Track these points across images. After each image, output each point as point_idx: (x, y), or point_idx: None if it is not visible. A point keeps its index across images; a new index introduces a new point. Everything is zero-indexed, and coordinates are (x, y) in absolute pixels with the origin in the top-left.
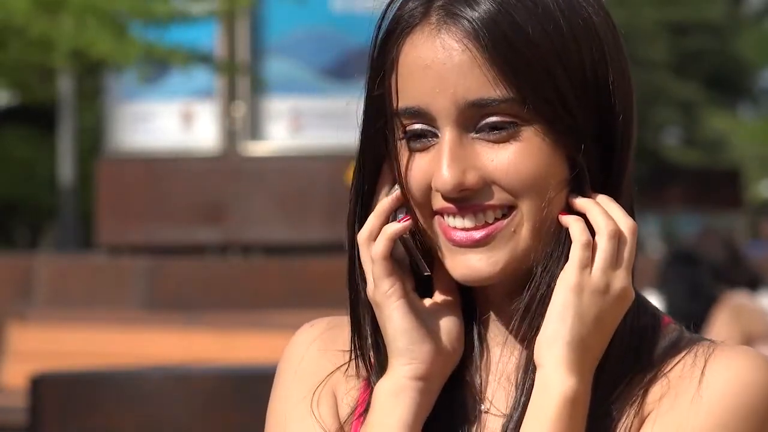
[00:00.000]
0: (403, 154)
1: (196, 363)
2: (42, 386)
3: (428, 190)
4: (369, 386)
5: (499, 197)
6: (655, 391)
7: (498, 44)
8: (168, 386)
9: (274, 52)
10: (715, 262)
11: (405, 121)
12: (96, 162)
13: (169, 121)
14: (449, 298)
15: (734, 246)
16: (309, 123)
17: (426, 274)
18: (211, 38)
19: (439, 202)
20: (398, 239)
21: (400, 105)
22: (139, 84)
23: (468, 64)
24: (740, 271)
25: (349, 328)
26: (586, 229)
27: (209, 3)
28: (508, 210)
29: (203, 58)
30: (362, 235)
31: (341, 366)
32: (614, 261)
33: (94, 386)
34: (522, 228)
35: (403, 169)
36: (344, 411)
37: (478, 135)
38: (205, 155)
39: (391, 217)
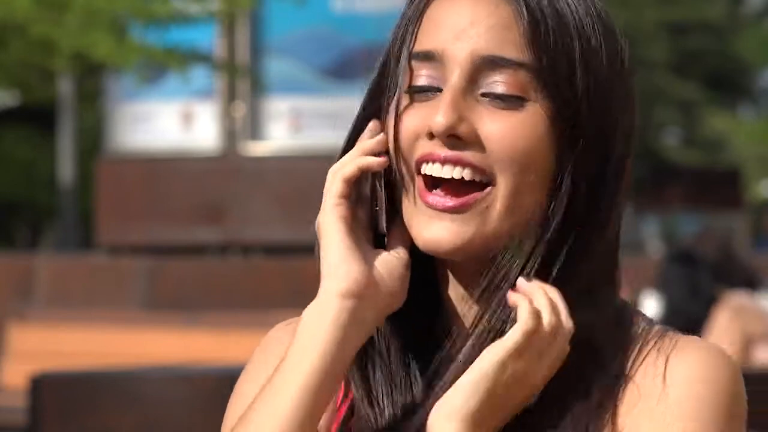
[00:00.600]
0: (403, 102)
1: (196, 363)
2: (42, 386)
3: (416, 138)
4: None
5: (482, 159)
6: (628, 400)
7: (531, 12)
8: (168, 386)
9: (274, 52)
10: (711, 263)
11: (415, 67)
12: (96, 162)
13: (169, 122)
14: (402, 254)
15: (730, 247)
16: (309, 123)
17: (383, 231)
18: (210, 38)
19: (423, 148)
20: (371, 188)
21: (416, 48)
22: (139, 84)
23: (497, 21)
24: (735, 272)
25: None
26: (535, 314)
27: (209, 3)
28: (487, 183)
29: (203, 59)
30: (335, 167)
31: None
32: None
33: (94, 386)
34: (494, 207)
35: (400, 113)
36: None
37: (484, 98)
38: (205, 155)
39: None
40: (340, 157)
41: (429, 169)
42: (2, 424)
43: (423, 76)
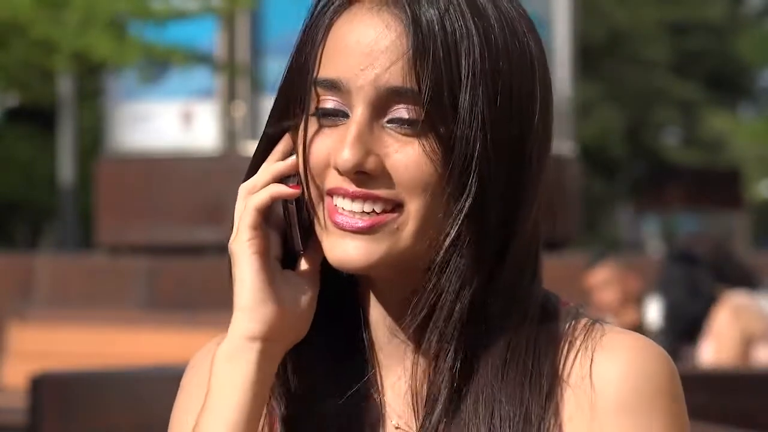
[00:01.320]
0: (311, 127)
1: None
2: (42, 386)
3: (326, 167)
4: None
5: (391, 191)
6: (566, 400)
7: (431, 40)
8: (168, 386)
9: (274, 52)
10: (710, 263)
11: (321, 93)
12: (96, 162)
13: (169, 121)
14: (309, 278)
15: (726, 247)
16: None
17: (299, 250)
18: (210, 38)
19: (333, 181)
20: (283, 206)
21: (320, 75)
22: (139, 84)
23: (400, 50)
24: (734, 271)
25: None
26: None
27: (209, 1)
28: (397, 206)
29: (203, 58)
30: (245, 186)
31: None
32: None
33: (94, 386)
34: (405, 227)
35: (308, 140)
36: None
37: (389, 125)
38: (205, 155)
39: (283, 183)
40: (249, 173)
41: (339, 202)
42: (2, 424)
43: (329, 100)
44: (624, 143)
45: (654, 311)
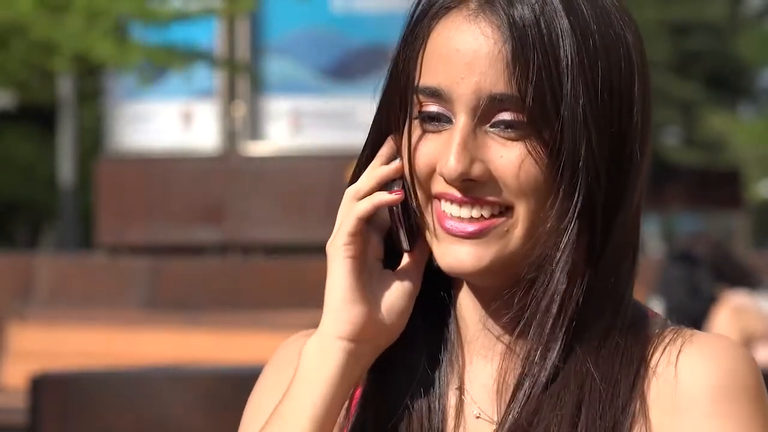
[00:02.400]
0: (415, 132)
1: (196, 363)
2: (42, 386)
3: (432, 172)
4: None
5: (499, 195)
6: (652, 387)
7: (529, 45)
8: (168, 386)
9: (274, 52)
10: (710, 263)
11: (423, 100)
12: (96, 162)
13: (169, 121)
14: (411, 278)
15: (725, 246)
16: (309, 123)
17: (406, 250)
18: (211, 38)
19: (440, 186)
20: (388, 208)
21: (422, 82)
22: (141, 85)
23: (498, 57)
24: (733, 271)
25: None
26: None
27: (210, 1)
28: (505, 209)
29: (203, 57)
30: (350, 191)
31: None
32: None
33: (94, 386)
34: (515, 230)
35: (413, 145)
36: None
37: (492, 129)
38: (205, 155)
39: (387, 186)
40: (353, 177)
41: (447, 207)
42: (2, 424)
43: (432, 105)
44: None
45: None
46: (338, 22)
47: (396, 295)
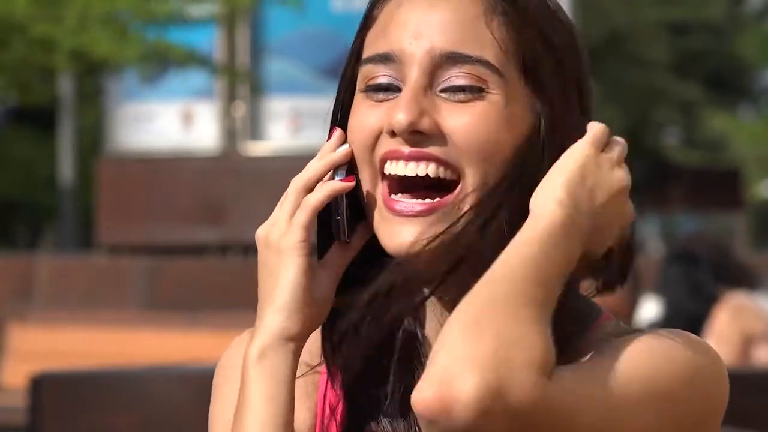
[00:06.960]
0: (360, 102)
1: (196, 363)
2: (42, 386)
3: (378, 135)
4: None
5: (447, 154)
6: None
7: (490, 6)
8: (168, 386)
9: (273, 53)
10: (709, 262)
11: (373, 70)
12: (96, 162)
13: (169, 121)
14: (337, 268)
15: (725, 246)
16: (309, 123)
17: (344, 240)
18: (210, 39)
19: (386, 145)
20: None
21: (373, 51)
22: (140, 84)
23: (452, 18)
24: (733, 271)
25: None
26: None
27: (209, 4)
28: (452, 185)
29: (203, 62)
30: (298, 180)
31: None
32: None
33: (94, 386)
34: (464, 204)
35: (358, 115)
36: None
37: (443, 94)
38: (205, 155)
39: (331, 172)
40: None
41: (393, 168)
42: (2, 424)
43: (382, 76)
44: None
45: (653, 311)
46: (338, 23)
47: (327, 289)
